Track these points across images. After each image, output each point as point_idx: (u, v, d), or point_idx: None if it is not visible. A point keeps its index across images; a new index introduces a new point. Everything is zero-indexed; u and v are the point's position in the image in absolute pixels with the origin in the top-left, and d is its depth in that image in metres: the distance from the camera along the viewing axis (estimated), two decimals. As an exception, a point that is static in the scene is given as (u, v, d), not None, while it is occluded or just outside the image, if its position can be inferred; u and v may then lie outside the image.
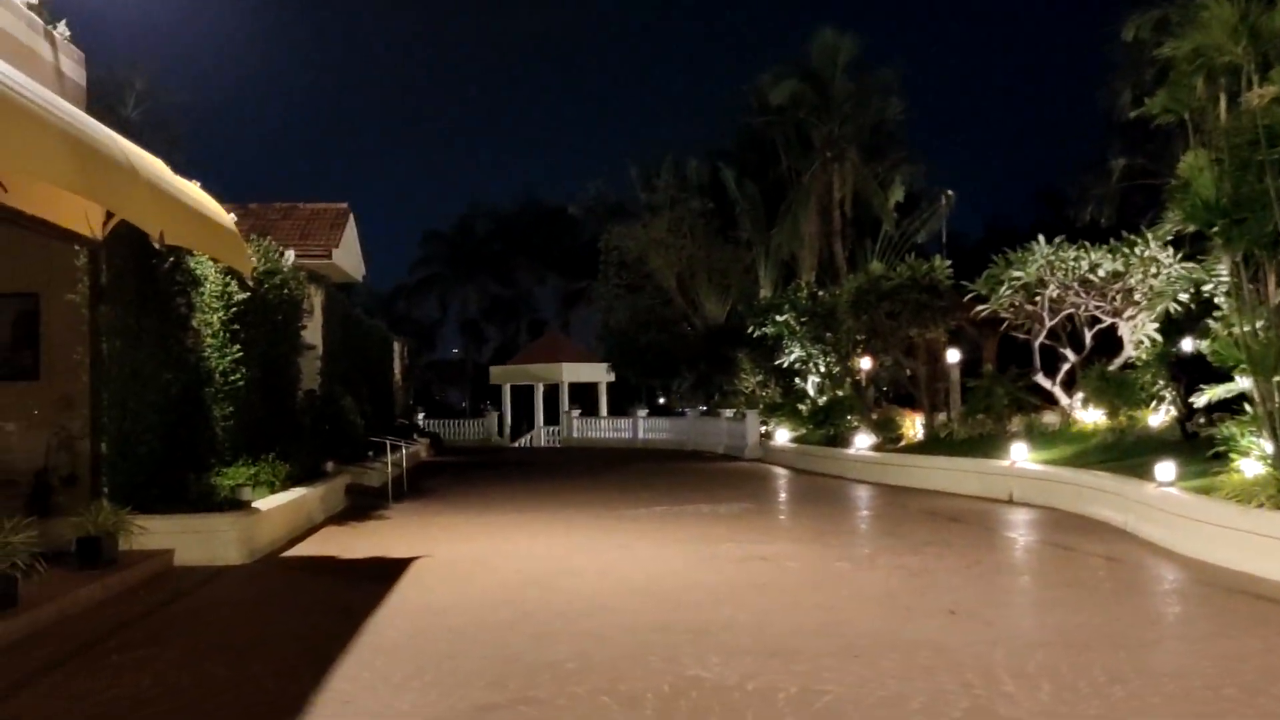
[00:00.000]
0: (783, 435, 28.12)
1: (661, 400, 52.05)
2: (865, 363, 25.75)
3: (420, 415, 43.17)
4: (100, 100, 29.64)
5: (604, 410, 49.59)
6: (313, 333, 20.37)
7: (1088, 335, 20.59)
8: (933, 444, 21.55)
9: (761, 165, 39.80)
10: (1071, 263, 19.41)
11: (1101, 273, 19.33)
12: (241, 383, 13.97)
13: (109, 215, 10.83)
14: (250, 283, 13.74)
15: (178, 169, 10.96)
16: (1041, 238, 19.83)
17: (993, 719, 5.70)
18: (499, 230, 70.26)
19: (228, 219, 11.05)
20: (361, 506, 16.98)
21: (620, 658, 7.05)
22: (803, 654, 7.08)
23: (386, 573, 10.61)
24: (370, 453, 21.38)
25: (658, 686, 6.33)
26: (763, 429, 30.16)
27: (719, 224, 39.43)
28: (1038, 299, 19.99)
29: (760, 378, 33.54)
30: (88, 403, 11.09)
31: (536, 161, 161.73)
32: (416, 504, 17.89)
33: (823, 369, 28.07)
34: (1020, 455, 17.14)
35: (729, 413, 33.22)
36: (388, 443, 20.22)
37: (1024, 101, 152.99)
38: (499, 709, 5.94)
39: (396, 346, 35.73)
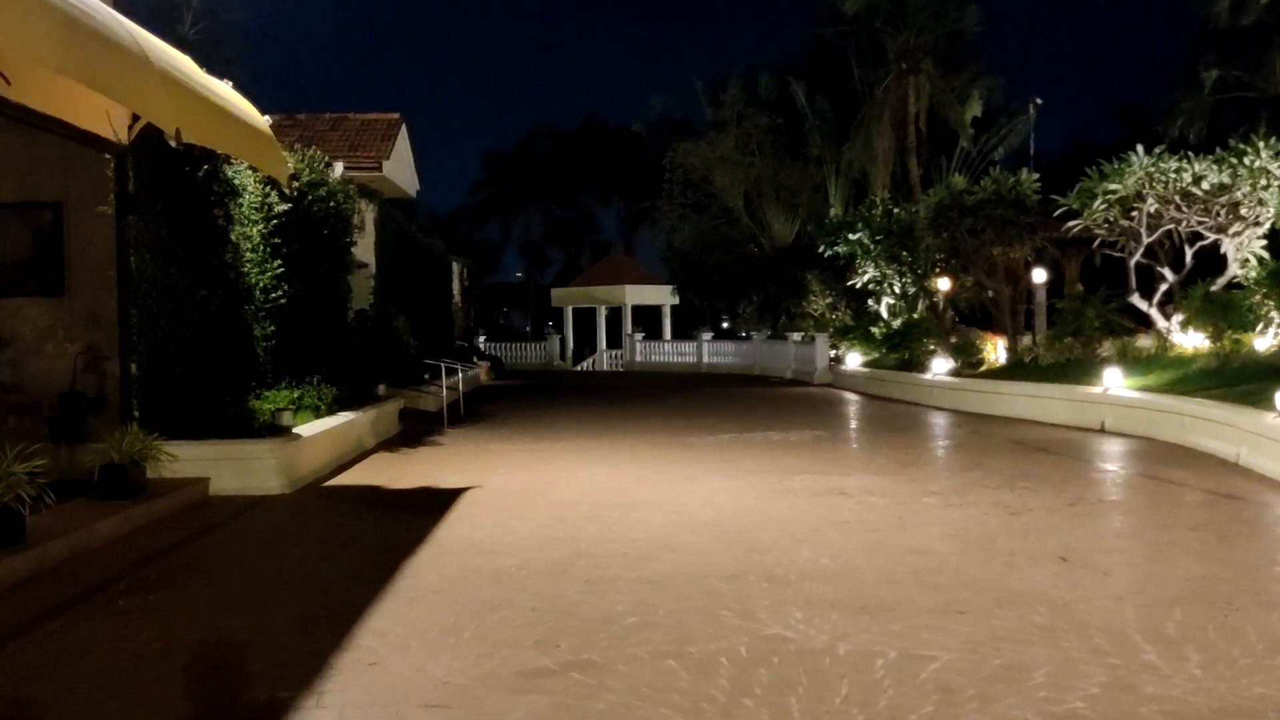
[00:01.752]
0: (854, 360, 27.09)
1: (726, 324, 51.00)
2: (943, 283, 24.53)
3: (482, 338, 42.52)
4: (159, 19, 29.11)
5: (668, 334, 48.66)
6: (365, 250, 19.60)
7: (1188, 253, 19.22)
8: (1016, 369, 20.39)
9: (833, 79, 38.38)
10: (1172, 175, 18.06)
11: (1205, 185, 17.96)
12: (284, 300, 13.17)
13: (135, 118, 9.98)
14: (288, 191, 12.87)
15: (237, 86, 10.22)
16: (1140, 148, 18.45)
17: (1138, 698, 4.71)
18: (561, 151, 69.11)
19: (261, 120, 10.14)
20: (416, 432, 16.29)
21: (688, 611, 6.16)
22: (898, 609, 6.15)
23: (434, 504, 9.84)
24: (426, 376, 20.71)
25: (733, 648, 5.43)
26: (833, 353, 29.18)
27: (788, 141, 38.15)
28: (1134, 214, 18.66)
29: (830, 300, 32.50)
30: (117, 320, 10.32)
31: (600, 80, 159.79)
32: (473, 429, 17.13)
33: (898, 290, 26.95)
34: (1114, 381, 16.02)
35: (797, 336, 32.15)
36: (444, 365, 19.47)
37: (1106, 11, 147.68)
38: (547, 676, 5.06)
39: (456, 267, 34.97)
